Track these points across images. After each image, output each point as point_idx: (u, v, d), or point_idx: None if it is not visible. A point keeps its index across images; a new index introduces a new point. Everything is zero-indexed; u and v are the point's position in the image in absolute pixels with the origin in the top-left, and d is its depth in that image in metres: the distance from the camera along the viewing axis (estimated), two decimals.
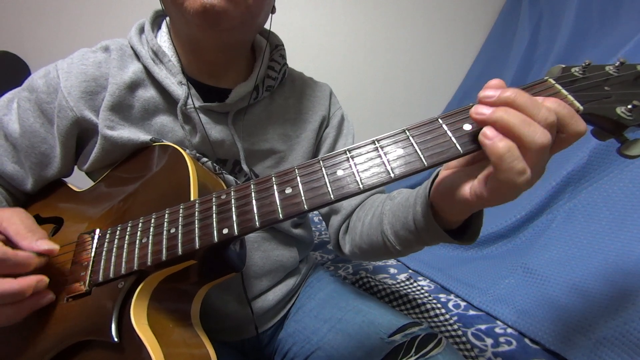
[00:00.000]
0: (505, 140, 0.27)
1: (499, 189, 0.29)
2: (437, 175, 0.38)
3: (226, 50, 0.52)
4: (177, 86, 0.50)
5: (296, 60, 0.80)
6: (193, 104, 0.51)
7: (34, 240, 0.38)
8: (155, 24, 0.56)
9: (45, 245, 0.38)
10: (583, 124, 0.28)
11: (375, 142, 0.32)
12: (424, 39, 1.88)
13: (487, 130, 0.28)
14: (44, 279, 0.37)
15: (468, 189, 0.31)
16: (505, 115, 0.27)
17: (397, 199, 0.48)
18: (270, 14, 0.53)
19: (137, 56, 0.52)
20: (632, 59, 0.31)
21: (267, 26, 0.56)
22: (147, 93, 0.51)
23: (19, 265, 0.36)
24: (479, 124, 0.29)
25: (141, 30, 0.54)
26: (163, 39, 0.54)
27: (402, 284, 0.96)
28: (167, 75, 0.51)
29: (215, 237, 0.34)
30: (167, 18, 0.55)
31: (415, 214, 0.41)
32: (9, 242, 0.38)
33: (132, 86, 0.50)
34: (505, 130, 0.27)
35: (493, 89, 0.29)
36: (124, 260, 0.38)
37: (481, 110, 0.28)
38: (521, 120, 0.27)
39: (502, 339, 0.73)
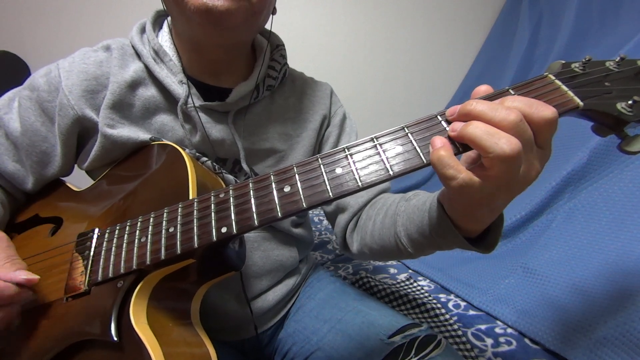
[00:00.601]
0: (443, 149, 0.29)
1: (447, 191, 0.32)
2: None
3: (227, 50, 0.52)
4: (177, 85, 0.50)
5: (296, 60, 0.80)
6: (193, 103, 0.51)
7: (12, 270, 0.38)
8: (157, 23, 0.56)
9: (23, 275, 0.38)
10: (547, 109, 0.28)
11: (374, 139, 0.32)
12: (424, 39, 1.88)
13: (436, 140, 0.30)
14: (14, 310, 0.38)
15: None
16: (470, 129, 0.28)
17: (413, 201, 0.47)
18: (271, 15, 0.53)
19: (138, 55, 0.52)
20: (633, 58, 0.31)
21: (267, 26, 0.56)
22: (148, 92, 0.51)
23: None
24: (457, 140, 0.30)
25: (142, 30, 0.54)
26: (164, 39, 0.54)
27: (402, 284, 0.96)
28: (168, 75, 0.51)
29: (214, 236, 0.34)
30: (169, 18, 0.55)
31: (430, 219, 0.40)
32: None
33: (133, 85, 0.50)
34: (472, 144, 0.28)
35: (452, 109, 0.31)
36: (122, 259, 0.38)
37: (453, 127, 0.30)
38: (483, 132, 0.27)
39: (502, 339, 0.72)
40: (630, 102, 0.28)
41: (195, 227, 0.36)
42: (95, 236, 0.43)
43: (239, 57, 0.56)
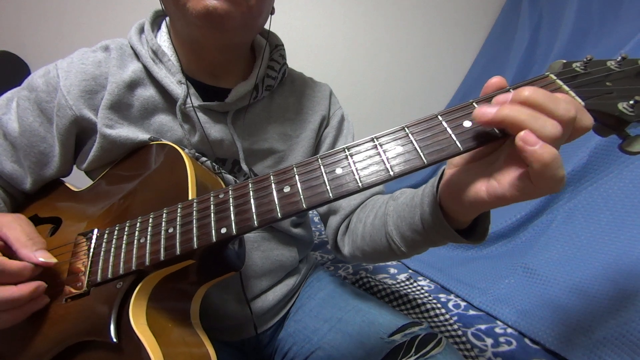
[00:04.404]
0: (549, 147, 0.25)
1: (532, 192, 0.27)
2: (443, 173, 0.37)
3: (226, 51, 0.52)
4: (176, 85, 0.50)
5: (296, 60, 0.80)
6: (192, 103, 0.51)
7: (33, 250, 0.39)
8: (155, 24, 0.56)
9: (43, 257, 0.39)
10: (590, 118, 0.28)
11: (374, 139, 0.32)
12: (424, 39, 1.88)
13: (528, 136, 0.25)
14: (42, 285, 0.38)
15: (484, 189, 0.30)
16: (512, 112, 0.26)
17: (401, 199, 0.47)
18: (270, 15, 0.53)
19: (137, 56, 0.52)
20: (633, 57, 0.31)
21: (266, 26, 0.56)
22: (147, 92, 0.51)
23: (13, 276, 0.36)
24: (485, 125, 0.28)
25: (141, 30, 0.54)
26: (163, 39, 0.54)
27: (402, 284, 0.96)
28: (167, 75, 0.51)
29: (214, 237, 0.34)
30: (167, 18, 0.55)
31: (422, 214, 0.40)
32: (8, 249, 0.39)
33: (132, 85, 0.50)
34: (515, 128, 0.26)
35: (504, 94, 0.28)
36: (122, 260, 0.38)
37: (485, 110, 0.27)
38: (529, 115, 0.26)
39: (502, 339, 0.72)
40: (631, 102, 0.28)
41: (194, 228, 0.36)
42: (94, 237, 0.42)
43: (238, 57, 0.56)
